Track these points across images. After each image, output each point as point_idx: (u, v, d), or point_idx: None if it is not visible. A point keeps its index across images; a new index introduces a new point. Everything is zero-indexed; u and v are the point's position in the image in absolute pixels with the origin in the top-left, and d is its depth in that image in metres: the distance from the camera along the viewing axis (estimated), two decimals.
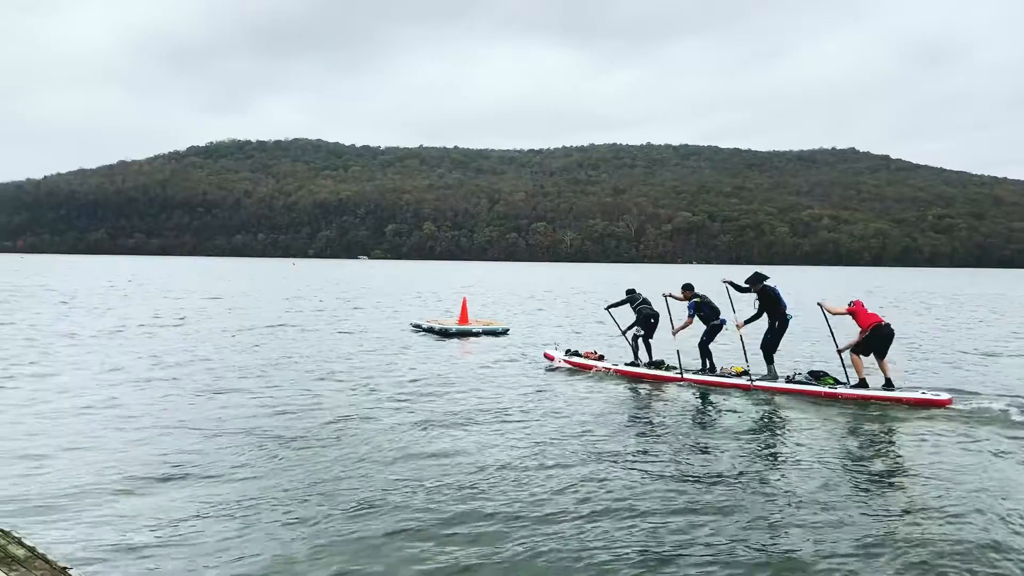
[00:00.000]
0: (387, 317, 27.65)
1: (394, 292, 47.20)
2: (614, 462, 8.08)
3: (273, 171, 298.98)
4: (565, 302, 39.03)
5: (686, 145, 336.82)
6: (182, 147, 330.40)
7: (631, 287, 15.67)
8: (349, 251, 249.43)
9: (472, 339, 20.40)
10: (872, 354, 11.99)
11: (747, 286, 13.07)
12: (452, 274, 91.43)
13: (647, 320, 14.64)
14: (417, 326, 22.81)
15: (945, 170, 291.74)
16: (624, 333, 15.11)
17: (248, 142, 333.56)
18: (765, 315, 12.81)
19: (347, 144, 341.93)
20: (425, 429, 9.56)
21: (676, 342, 13.74)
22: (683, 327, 13.88)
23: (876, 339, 11.89)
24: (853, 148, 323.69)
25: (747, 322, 12.88)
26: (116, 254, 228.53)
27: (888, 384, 11.74)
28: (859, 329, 12.17)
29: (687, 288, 14.05)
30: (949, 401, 11.12)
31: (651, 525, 6.22)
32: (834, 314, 12.38)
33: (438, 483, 7.28)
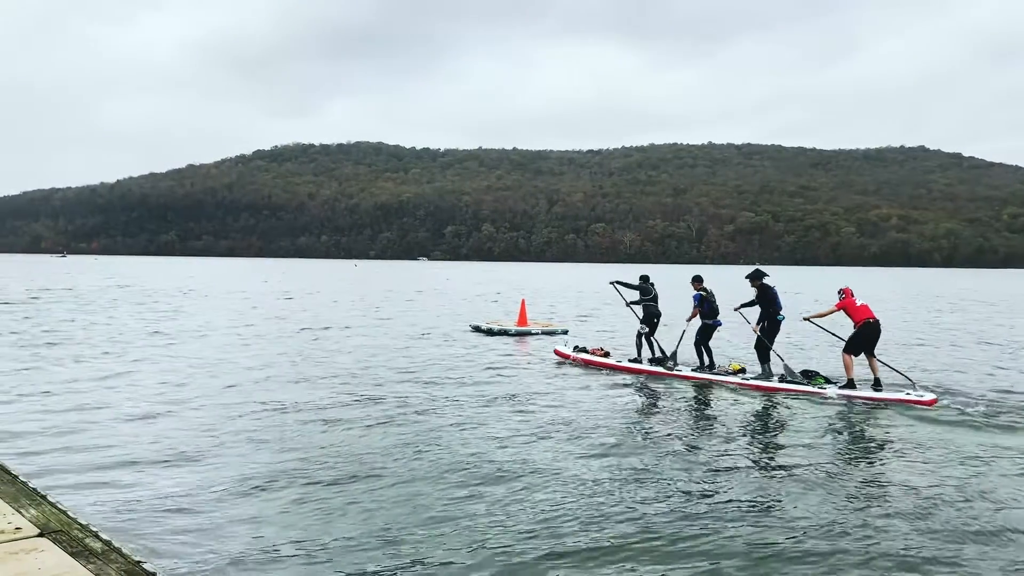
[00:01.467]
0: (448, 318, 27.83)
1: (454, 293, 47.52)
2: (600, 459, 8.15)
3: (336, 174, 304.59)
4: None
5: (749, 144, 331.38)
6: (248, 151, 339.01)
7: (645, 274, 15.70)
8: (409, 252, 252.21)
9: (531, 340, 20.39)
10: (863, 353, 12.25)
11: (749, 301, 13.44)
12: (511, 275, 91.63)
13: (651, 319, 14.98)
14: (477, 327, 22.91)
15: (1021, 167, 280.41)
16: (629, 305, 15.45)
17: (312, 145, 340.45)
18: (758, 313, 13.21)
19: (407, 146, 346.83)
20: (498, 439, 9.57)
21: (687, 327, 14.51)
22: (692, 316, 14.32)
23: (866, 335, 12.17)
24: (923, 146, 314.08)
25: (742, 306, 13.42)
26: (185, 256, 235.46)
27: (877, 384, 11.99)
28: (853, 323, 12.39)
29: (697, 280, 14.35)
30: (934, 401, 11.39)
31: (634, 522, 6.34)
32: (825, 316, 12.80)
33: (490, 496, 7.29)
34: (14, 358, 15.35)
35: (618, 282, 15.82)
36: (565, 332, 21.57)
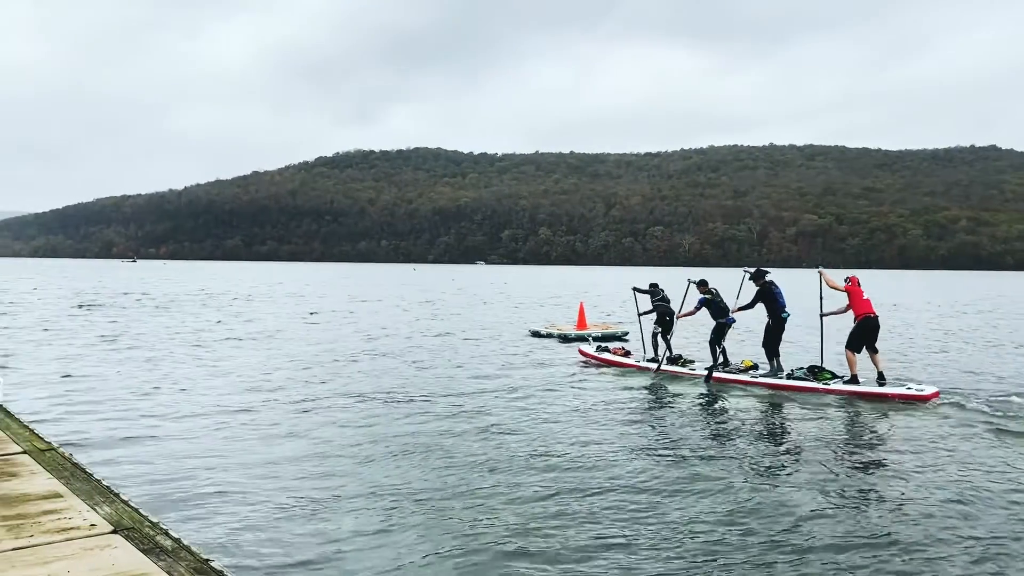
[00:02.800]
0: (508, 322, 27.86)
1: (513, 297, 47.57)
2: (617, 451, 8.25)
3: (395, 180, 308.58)
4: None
5: (811, 145, 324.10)
6: (311, 157, 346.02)
7: (654, 282, 16.64)
8: (466, 256, 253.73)
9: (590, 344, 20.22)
10: (865, 348, 12.60)
11: (747, 303, 13.87)
12: (569, 279, 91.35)
13: (663, 317, 15.60)
14: (536, 332, 22.85)
15: None
16: (640, 316, 16.28)
17: (372, 152, 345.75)
18: (765, 313, 13.61)
19: (465, 152, 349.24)
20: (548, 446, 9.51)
21: (678, 325, 15.26)
22: (687, 314, 14.93)
23: (865, 330, 12.52)
24: (994, 145, 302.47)
25: (739, 309, 13.89)
26: (250, 260, 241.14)
27: (880, 378, 12.37)
28: (852, 316, 12.76)
29: (702, 284, 14.84)
30: (936, 395, 11.82)
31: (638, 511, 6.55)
32: (831, 287, 13.15)
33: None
34: (93, 360, 15.89)
35: (637, 288, 16.52)
36: (625, 336, 21.35)
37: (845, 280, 12.99)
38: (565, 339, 21.08)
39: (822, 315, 13.50)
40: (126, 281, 65.03)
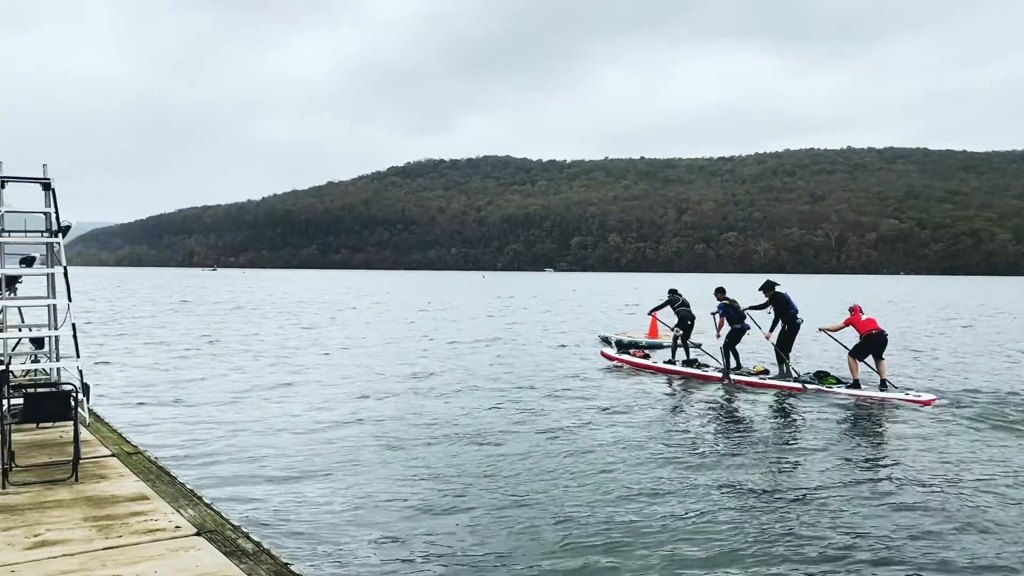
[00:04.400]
0: (580, 330, 27.75)
1: (584, 304, 47.38)
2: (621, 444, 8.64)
3: (464, 188, 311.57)
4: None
5: (891, 148, 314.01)
6: (383, 167, 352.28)
7: (673, 288, 17.38)
8: (535, 263, 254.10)
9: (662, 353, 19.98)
10: (870, 356, 13.37)
11: (760, 303, 14.64)
12: (640, 285, 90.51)
13: (684, 322, 16.46)
14: (606, 339, 22.65)
15: None
16: (673, 330, 16.97)
17: (442, 161, 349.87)
18: (781, 319, 14.29)
19: (534, 159, 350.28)
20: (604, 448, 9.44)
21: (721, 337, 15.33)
22: (720, 326, 15.38)
23: (870, 344, 13.31)
24: None
25: (772, 330, 14.38)
26: (325, 268, 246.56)
27: (883, 384, 13.07)
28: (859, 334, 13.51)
29: (720, 291, 15.46)
30: (932, 400, 12.34)
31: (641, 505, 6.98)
32: (836, 330, 13.96)
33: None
34: (180, 366, 16.44)
35: (653, 311, 18.02)
36: (699, 345, 20.95)
37: (848, 310, 13.83)
38: (636, 347, 20.81)
39: (851, 357, 13.64)
40: (211, 289, 67.23)
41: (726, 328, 15.02)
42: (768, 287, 14.53)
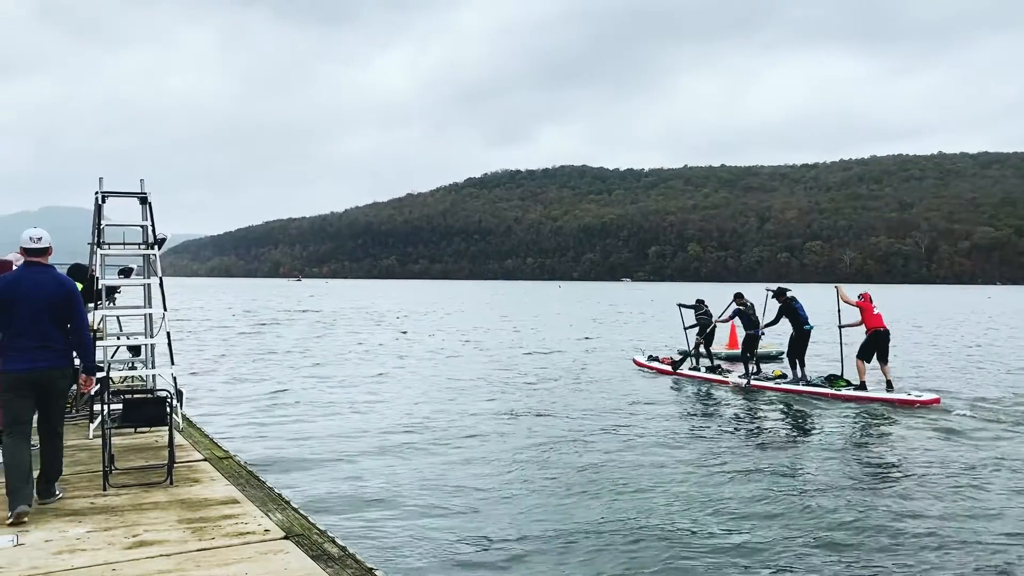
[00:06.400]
0: (653, 343, 27.43)
1: (665, 316, 46.82)
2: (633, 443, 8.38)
3: (541, 198, 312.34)
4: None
5: (986, 153, 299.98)
6: (460, 179, 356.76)
7: (700, 298, 18.23)
8: (612, 273, 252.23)
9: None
10: (875, 357, 13.85)
11: (774, 319, 15.33)
12: (720, 295, 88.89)
13: (704, 328, 17.41)
14: (683, 351, 22.27)
15: None
16: (687, 331, 18.02)
17: (518, 171, 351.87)
18: (790, 327, 14.90)
19: (611, 168, 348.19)
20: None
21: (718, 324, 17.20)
22: (722, 321, 17.01)
23: (876, 342, 13.84)
24: None
25: (766, 325, 15.54)
26: (404, 278, 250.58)
27: (889, 386, 13.54)
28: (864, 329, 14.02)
29: (738, 296, 16.18)
30: (937, 401, 12.91)
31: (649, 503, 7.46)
32: (844, 301, 14.61)
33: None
34: (270, 376, 16.93)
35: (682, 304, 18.54)
36: (780, 356, 20.44)
37: (858, 296, 14.30)
38: (715, 358, 20.40)
39: (840, 326, 14.69)
40: (298, 299, 69.07)
41: (724, 329, 15.76)
42: (781, 293, 15.31)
